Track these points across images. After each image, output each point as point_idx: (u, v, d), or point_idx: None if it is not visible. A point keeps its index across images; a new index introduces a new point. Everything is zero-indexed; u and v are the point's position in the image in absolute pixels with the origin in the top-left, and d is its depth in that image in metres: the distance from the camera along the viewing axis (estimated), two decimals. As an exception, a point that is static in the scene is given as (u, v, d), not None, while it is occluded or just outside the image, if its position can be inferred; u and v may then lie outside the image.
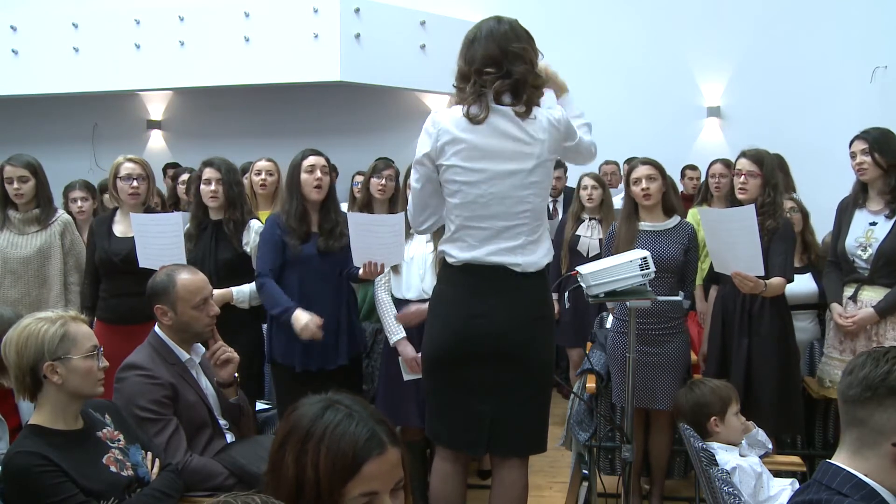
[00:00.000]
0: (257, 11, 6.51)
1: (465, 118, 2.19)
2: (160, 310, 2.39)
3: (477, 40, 2.22)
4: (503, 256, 2.23)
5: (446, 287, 2.34)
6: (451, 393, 2.32)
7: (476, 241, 2.25)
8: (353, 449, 1.13)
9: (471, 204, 2.22)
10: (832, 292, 3.16)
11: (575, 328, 4.30)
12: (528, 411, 2.31)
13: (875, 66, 5.75)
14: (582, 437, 3.40)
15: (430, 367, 2.38)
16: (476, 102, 2.19)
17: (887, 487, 1.39)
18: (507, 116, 2.19)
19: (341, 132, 7.08)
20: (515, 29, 2.24)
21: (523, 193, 2.21)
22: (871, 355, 1.45)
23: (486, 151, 2.19)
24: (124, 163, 3.33)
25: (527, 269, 2.25)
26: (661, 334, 3.11)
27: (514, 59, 2.19)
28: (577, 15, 6.83)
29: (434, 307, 2.39)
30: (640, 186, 3.15)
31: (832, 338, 3.15)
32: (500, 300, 2.24)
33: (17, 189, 3.43)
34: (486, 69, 2.19)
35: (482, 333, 2.23)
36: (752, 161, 3.12)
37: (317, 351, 3.01)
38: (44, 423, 1.94)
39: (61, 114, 7.59)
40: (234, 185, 3.28)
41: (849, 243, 3.08)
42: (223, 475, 2.27)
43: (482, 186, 2.20)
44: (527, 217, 2.24)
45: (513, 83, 2.19)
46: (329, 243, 3.04)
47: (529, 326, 2.27)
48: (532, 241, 2.26)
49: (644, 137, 5.97)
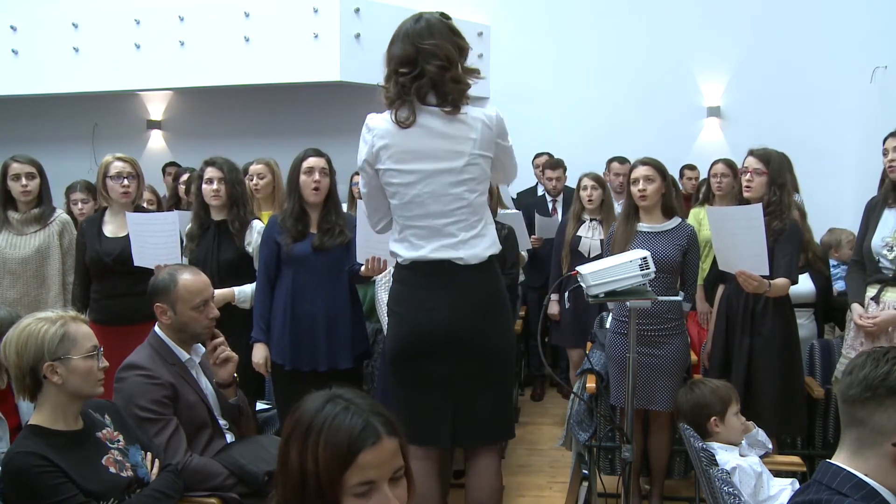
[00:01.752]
0: (257, 11, 6.51)
1: (394, 123, 2.23)
2: (160, 308, 2.39)
3: (395, 41, 2.25)
4: (445, 252, 2.28)
5: (399, 286, 2.39)
6: (413, 388, 2.36)
7: (418, 239, 2.29)
8: (347, 439, 1.17)
9: (409, 204, 2.27)
10: (854, 292, 3.13)
11: (575, 328, 4.30)
12: (489, 400, 2.35)
13: (875, 66, 5.74)
14: (582, 437, 3.40)
15: (393, 365, 2.42)
16: (402, 106, 2.23)
17: (887, 487, 1.40)
18: (435, 115, 2.23)
19: (341, 132, 7.04)
20: (432, 26, 2.22)
21: (457, 190, 2.25)
22: (871, 355, 1.46)
23: (417, 153, 2.23)
24: (114, 161, 3.33)
25: (469, 262, 2.28)
26: (660, 335, 3.10)
27: (428, 57, 2.19)
28: (577, 15, 6.83)
29: (390, 306, 2.43)
30: (638, 187, 3.15)
31: (852, 338, 3.13)
32: (448, 293, 2.28)
33: (24, 185, 3.43)
34: (400, 69, 2.22)
35: (433, 326, 2.28)
36: (759, 159, 3.11)
37: (306, 351, 3.00)
38: (44, 424, 1.94)
39: (61, 114, 7.58)
40: (236, 185, 3.29)
41: (875, 243, 3.04)
42: (223, 475, 2.27)
43: (417, 186, 2.25)
44: (463, 213, 2.27)
45: (429, 82, 2.20)
46: (325, 241, 3.03)
47: (479, 318, 2.30)
48: (473, 236, 2.29)
49: (644, 137, 5.97)
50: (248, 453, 2.34)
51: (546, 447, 4.15)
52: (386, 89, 2.26)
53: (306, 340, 3.00)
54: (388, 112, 2.26)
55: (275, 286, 3.08)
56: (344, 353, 3.05)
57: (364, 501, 1.18)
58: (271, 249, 3.06)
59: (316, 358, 3.01)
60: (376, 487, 1.19)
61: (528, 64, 6.87)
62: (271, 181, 3.83)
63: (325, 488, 1.16)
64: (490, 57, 6.97)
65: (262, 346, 3.05)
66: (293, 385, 2.98)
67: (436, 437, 2.36)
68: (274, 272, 3.08)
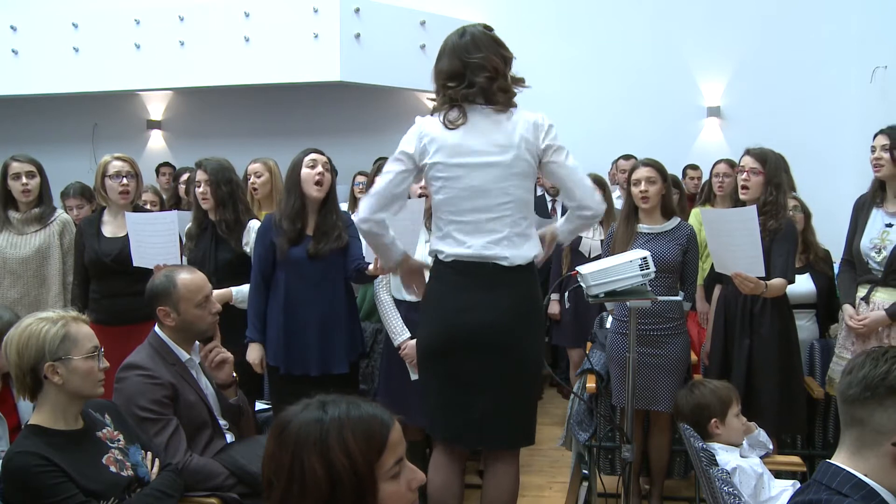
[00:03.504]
0: (257, 11, 6.51)
1: (443, 123, 2.28)
2: (163, 311, 2.39)
3: (442, 56, 2.33)
4: (490, 250, 2.28)
5: (436, 283, 2.39)
6: (444, 386, 2.36)
7: (462, 235, 2.30)
8: (378, 425, 1.21)
9: (454, 199, 2.29)
10: (845, 293, 3.14)
11: (575, 328, 4.30)
12: (517, 405, 2.35)
13: (875, 66, 5.74)
14: (582, 437, 3.40)
15: (423, 360, 2.43)
16: (452, 109, 2.29)
17: (887, 487, 1.39)
18: (483, 113, 2.29)
19: (341, 132, 7.08)
20: (477, 39, 2.30)
21: (504, 185, 2.27)
22: (871, 355, 1.45)
23: (465, 147, 2.27)
24: (112, 161, 3.32)
25: (514, 262, 2.29)
26: (660, 335, 3.10)
27: (476, 70, 2.27)
28: (577, 15, 6.84)
29: (426, 303, 2.44)
30: (640, 188, 3.15)
31: (843, 338, 3.14)
32: (488, 295, 2.28)
33: (24, 184, 3.43)
34: (448, 83, 2.29)
35: (471, 327, 2.28)
36: (756, 159, 3.12)
37: (298, 356, 2.97)
38: (44, 423, 1.94)
39: (61, 114, 7.59)
40: (222, 185, 3.21)
41: (863, 244, 3.05)
42: (223, 475, 2.27)
43: (464, 181, 2.27)
44: (509, 209, 2.28)
45: (479, 90, 2.28)
46: (320, 247, 2.97)
47: (517, 321, 2.31)
48: (517, 234, 2.30)
49: (644, 137, 5.98)
50: (248, 453, 2.34)
51: (546, 447, 4.14)
52: (435, 101, 2.34)
53: (299, 346, 2.97)
54: (437, 115, 2.32)
55: (270, 286, 3.06)
56: (339, 358, 3.01)
57: (397, 481, 1.22)
58: (266, 248, 3.02)
59: (308, 363, 2.98)
60: (403, 464, 1.24)
61: (529, 64, 6.83)
62: (269, 180, 3.77)
63: (364, 481, 1.18)
64: (490, 57, 6.96)
65: (257, 345, 3.03)
66: (289, 387, 2.96)
67: (464, 437, 2.37)
68: (269, 271, 3.04)
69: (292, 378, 2.98)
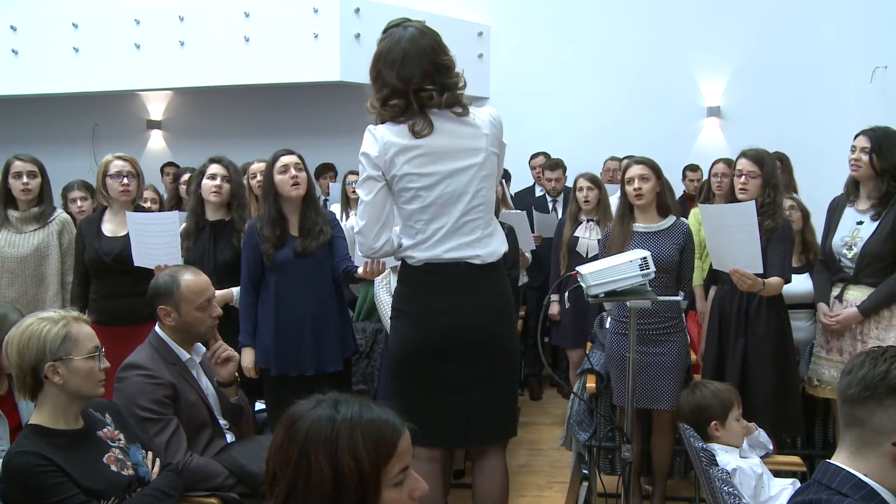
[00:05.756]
0: (257, 11, 6.51)
1: (411, 133, 2.20)
2: (163, 311, 2.39)
3: (408, 57, 2.20)
4: (462, 251, 2.28)
5: (407, 287, 2.37)
6: (423, 391, 2.33)
7: (436, 240, 2.28)
8: (389, 429, 1.21)
9: (429, 207, 2.26)
10: (820, 291, 3.18)
11: (575, 329, 4.30)
12: (501, 400, 2.37)
13: (875, 66, 5.74)
14: (582, 437, 3.40)
15: (399, 368, 2.40)
16: (415, 118, 2.21)
17: (887, 487, 1.39)
18: (448, 117, 2.25)
19: (341, 132, 7.02)
20: (437, 40, 2.25)
21: (477, 187, 2.26)
22: (870, 355, 1.46)
23: (437, 154, 2.23)
24: (113, 161, 3.33)
25: (486, 260, 2.29)
26: (658, 334, 3.11)
27: (445, 72, 2.23)
28: (577, 15, 6.83)
29: (397, 308, 2.40)
30: (633, 186, 3.15)
31: (820, 337, 3.18)
32: (464, 294, 2.28)
33: (25, 183, 3.44)
34: (425, 86, 2.20)
35: (449, 329, 2.28)
36: (753, 161, 3.12)
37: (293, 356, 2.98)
38: (44, 423, 1.94)
39: (61, 114, 7.58)
40: (239, 185, 3.32)
41: (835, 242, 3.09)
42: (223, 475, 2.27)
43: (439, 187, 2.24)
44: (481, 211, 2.29)
45: (452, 96, 2.23)
46: (306, 244, 3.00)
47: (497, 318, 2.33)
48: (487, 234, 2.31)
49: (644, 137, 5.97)
50: (248, 453, 2.34)
51: (546, 447, 4.14)
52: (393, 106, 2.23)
53: (293, 346, 2.98)
54: (392, 125, 2.23)
55: (259, 290, 3.06)
56: (332, 356, 3.03)
57: (400, 489, 1.22)
58: (253, 255, 3.03)
59: (303, 363, 2.99)
60: (408, 473, 1.23)
61: (528, 64, 6.87)
62: None
63: (369, 485, 1.17)
64: (490, 57, 6.97)
65: (250, 350, 3.04)
66: (282, 389, 2.96)
67: (447, 437, 2.36)
68: (258, 277, 3.05)
69: (285, 379, 2.99)
